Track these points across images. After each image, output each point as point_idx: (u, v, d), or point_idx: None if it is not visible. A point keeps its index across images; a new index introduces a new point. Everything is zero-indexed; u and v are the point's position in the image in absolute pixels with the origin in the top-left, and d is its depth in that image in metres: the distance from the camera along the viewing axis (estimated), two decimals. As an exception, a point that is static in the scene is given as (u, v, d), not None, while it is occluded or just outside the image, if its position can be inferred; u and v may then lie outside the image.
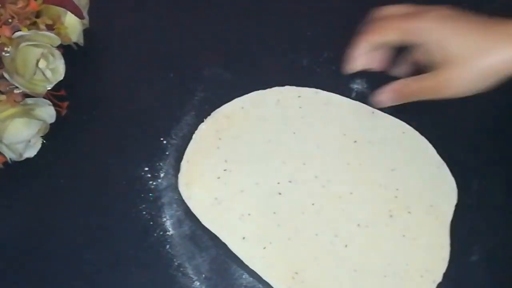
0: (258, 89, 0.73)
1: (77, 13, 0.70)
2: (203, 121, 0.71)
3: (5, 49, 0.63)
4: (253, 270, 0.64)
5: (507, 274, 0.65)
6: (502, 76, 0.58)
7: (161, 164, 0.70)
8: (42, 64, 0.67)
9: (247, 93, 0.73)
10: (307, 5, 0.79)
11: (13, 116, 0.65)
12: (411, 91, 0.63)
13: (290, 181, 0.68)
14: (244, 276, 0.65)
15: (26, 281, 0.65)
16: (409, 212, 0.66)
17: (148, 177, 0.69)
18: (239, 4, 0.79)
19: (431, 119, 0.71)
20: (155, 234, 0.67)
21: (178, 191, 0.68)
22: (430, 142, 0.70)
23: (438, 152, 0.69)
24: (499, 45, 0.58)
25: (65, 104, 0.71)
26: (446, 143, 0.70)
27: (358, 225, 0.65)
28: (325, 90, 0.73)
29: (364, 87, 0.74)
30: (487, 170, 0.69)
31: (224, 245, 0.65)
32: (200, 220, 0.66)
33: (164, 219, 0.67)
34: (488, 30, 0.59)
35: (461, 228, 0.66)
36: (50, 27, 0.67)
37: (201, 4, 0.79)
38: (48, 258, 0.66)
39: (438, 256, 0.64)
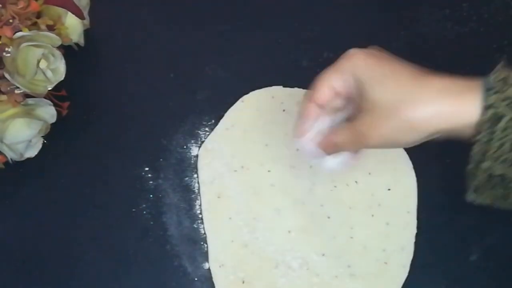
0: (257, 89, 0.73)
1: (78, 13, 0.70)
2: (203, 121, 0.72)
3: (6, 49, 0.63)
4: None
5: (506, 274, 0.65)
6: (434, 132, 0.53)
7: (161, 164, 0.70)
8: (43, 64, 0.67)
9: (247, 92, 0.73)
10: (307, 5, 0.79)
11: (14, 116, 0.65)
12: (339, 140, 0.58)
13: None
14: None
15: (26, 280, 0.66)
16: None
17: (149, 177, 0.69)
18: (239, 5, 0.79)
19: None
20: (155, 234, 0.67)
21: (178, 191, 0.69)
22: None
23: (436, 152, 0.70)
24: (431, 98, 0.53)
25: (66, 104, 0.71)
26: (444, 144, 0.70)
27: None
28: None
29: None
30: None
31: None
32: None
33: (164, 219, 0.68)
34: (420, 80, 0.54)
35: (460, 228, 0.67)
36: (51, 28, 0.67)
37: (201, 5, 0.79)
38: (48, 258, 0.66)
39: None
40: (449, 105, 0.52)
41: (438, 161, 0.70)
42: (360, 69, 0.56)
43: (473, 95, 0.51)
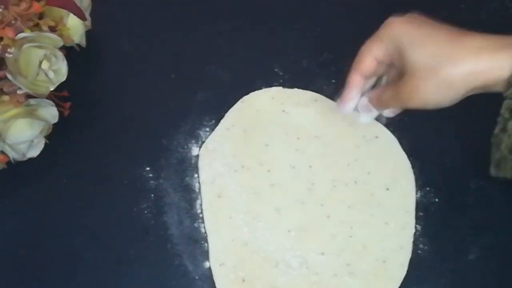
0: (257, 89, 0.74)
1: (79, 14, 0.70)
2: (203, 121, 0.72)
3: (9, 50, 0.64)
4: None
5: (504, 273, 0.65)
6: (470, 89, 0.56)
7: (162, 164, 0.70)
8: (45, 65, 0.67)
9: (247, 93, 0.73)
10: (307, 5, 0.79)
11: (16, 117, 0.66)
12: (385, 99, 0.62)
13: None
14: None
15: (28, 280, 0.66)
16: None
17: (150, 176, 0.70)
18: (240, 5, 0.79)
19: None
20: (156, 233, 0.67)
21: (179, 190, 0.69)
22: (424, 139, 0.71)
23: (435, 151, 0.70)
24: (468, 57, 0.55)
25: (68, 104, 0.71)
26: (443, 144, 0.71)
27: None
28: (324, 90, 0.74)
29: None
30: (484, 170, 0.69)
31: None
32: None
33: (165, 219, 0.68)
34: (457, 41, 0.57)
35: (458, 227, 0.67)
36: (52, 29, 0.67)
37: (202, 6, 0.79)
38: (50, 257, 0.67)
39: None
40: (484, 62, 0.55)
41: (437, 161, 0.70)
42: (399, 35, 0.59)
43: (506, 52, 0.54)
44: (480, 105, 0.64)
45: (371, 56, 0.62)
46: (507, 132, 0.57)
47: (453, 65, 0.56)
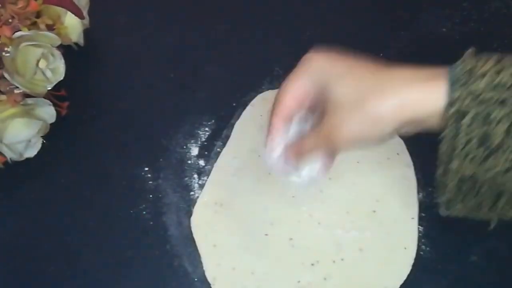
0: (258, 90, 0.74)
1: (77, 13, 0.70)
2: (203, 121, 0.72)
3: (6, 49, 0.64)
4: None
5: (506, 274, 0.65)
6: (399, 123, 0.52)
7: (161, 164, 0.70)
8: (42, 64, 0.67)
9: (247, 93, 0.73)
10: (308, 6, 0.80)
11: (13, 116, 0.66)
12: (307, 147, 0.56)
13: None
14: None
15: (26, 280, 0.66)
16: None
17: (148, 177, 0.70)
18: (240, 6, 0.79)
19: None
20: (155, 234, 0.67)
21: (178, 191, 0.69)
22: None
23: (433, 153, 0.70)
24: (396, 88, 0.51)
25: (65, 104, 0.71)
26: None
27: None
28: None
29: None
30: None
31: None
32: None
33: (164, 219, 0.68)
34: (383, 73, 0.53)
35: (460, 229, 0.66)
36: (50, 27, 0.68)
37: (201, 5, 0.80)
38: (47, 258, 0.66)
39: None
40: (414, 94, 0.51)
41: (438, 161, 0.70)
42: (320, 70, 0.54)
43: (439, 83, 0.50)
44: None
45: (291, 96, 0.56)
46: (449, 174, 0.53)
47: (380, 97, 0.51)
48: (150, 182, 0.69)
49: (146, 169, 0.70)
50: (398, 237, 0.67)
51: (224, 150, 0.72)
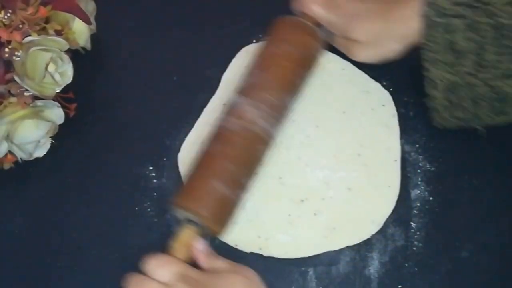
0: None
1: (85, 19, 0.70)
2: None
3: (16, 53, 0.64)
4: (255, 262, 0.65)
5: (497, 270, 0.66)
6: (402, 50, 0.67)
7: (164, 163, 0.71)
8: (51, 67, 0.67)
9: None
10: None
11: (23, 118, 0.66)
12: (336, 44, 0.72)
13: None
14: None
15: (34, 276, 0.67)
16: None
17: (153, 176, 0.70)
18: (241, 9, 0.79)
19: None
20: (159, 231, 0.68)
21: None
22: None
23: (429, 149, 0.71)
24: (394, 32, 0.66)
25: (73, 106, 0.72)
26: (438, 143, 0.71)
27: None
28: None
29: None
30: (478, 169, 0.70)
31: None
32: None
33: (168, 217, 0.68)
34: (390, 15, 0.66)
35: (452, 225, 0.67)
36: (58, 33, 0.68)
37: (203, 10, 0.80)
38: (55, 253, 0.67)
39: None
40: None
41: (430, 158, 0.71)
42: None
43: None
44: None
45: None
46: (432, 83, 0.64)
47: (386, 42, 0.67)
48: (154, 181, 0.70)
49: (151, 168, 0.71)
50: (383, 177, 0.69)
51: (213, 98, 0.74)
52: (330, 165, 0.70)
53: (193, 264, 0.62)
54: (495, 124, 0.66)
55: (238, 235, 0.67)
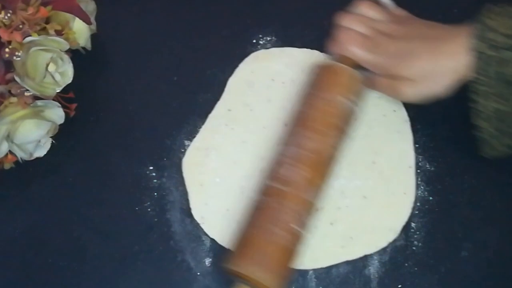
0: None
1: (85, 19, 0.70)
2: (204, 122, 0.73)
3: (16, 53, 0.64)
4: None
5: (495, 269, 0.66)
6: (452, 85, 0.64)
7: (165, 163, 0.71)
8: (51, 67, 0.67)
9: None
10: (309, 12, 0.79)
11: (23, 118, 0.66)
12: (378, 85, 0.69)
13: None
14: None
15: (35, 274, 0.67)
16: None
17: (153, 175, 0.70)
18: (241, 10, 0.79)
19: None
20: (159, 230, 0.68)
21: (181, 189, 0.69)
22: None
23: (429, 149, 0.71)
24: (444, 68, 0.64)
25: (74, 105, 0.72)
26: (436, 143, 0.72)
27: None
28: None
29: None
30: (478, 169, 0.70)
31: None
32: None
33: (168, 216, 0.69)
34: (438, 51, 0.65)
35: (451, 225, 0.68)
36: (59, 33, 0.68)
37: (204, 11, 0.80)
38: (56, 253, 0.68)
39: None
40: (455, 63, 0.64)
41: (430, 158, 0.71)
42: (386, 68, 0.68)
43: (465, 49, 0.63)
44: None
45: None
46: (480, 114, 0.63)
47: (433, 79, 0.65)
48: (155, 181, 0.70)
49: (151, 168, 0.71)
50: (398, 184, 0.69)
51: (219, 103, 0.73)
52: (345, 173, 0.69)
53: None
54: None
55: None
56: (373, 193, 0.69)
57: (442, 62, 0.64)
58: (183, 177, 0.70)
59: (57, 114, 0.70)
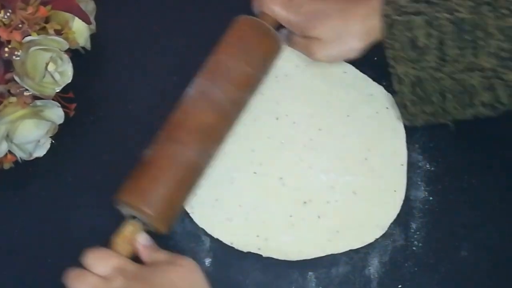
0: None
1: (84, 18, 0.70)
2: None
3: (16, 53, 0.64)
4: (253, 263, 0.66)
5: (495, 269, 0.66)
6: (363, 48, 0.68)
7: None
8: (51, 67, 0.67)
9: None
10: None
11: (23, 117, 0.66)
12: (294, 44, 0.72)
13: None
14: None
15: (33, 275, 0.67)
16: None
17: None
18: (241, 12, 0.77)
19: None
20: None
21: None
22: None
23: (429, 149, 0.72)
24: (354, 30, 0.67)
25: (73, 105, 0.72)
26: (437, 142, 0.72)
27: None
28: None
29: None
30: (478, 169, 0.70)
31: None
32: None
33: None
34: (350, 13, 0.67)
35: (451, 225, 0.68)
36: (58, 32, 0.68)
37: (205, 11, 0.80)
38: (55, 253, 0.68)
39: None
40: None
41: (430, 158, 0.71)
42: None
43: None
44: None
45: None
46: (399, 79, 0.65)
47: (345, 40, 0.68)
48: (155, 181, 0.70)
49: (151, 168, 0.71)
50: (389, 182, 0.69)
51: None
52: (335, 168, 0.70)
53: (135, 258, 0.63)
54: (464, 118, 0.66)
55: (235, 233, 0.67)
56: (363, 189, 0.69)
57: (353, 24, 0.67)
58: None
59: (56, 114, 0.70)
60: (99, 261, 0.61)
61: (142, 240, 0.64)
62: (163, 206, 0.63)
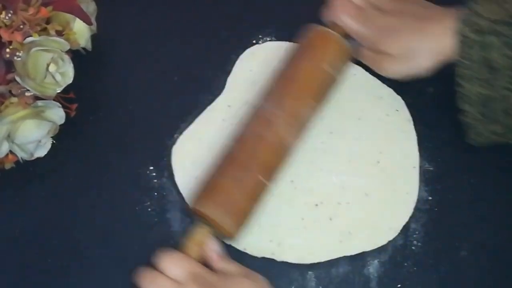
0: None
1: (85, 19, 0.71)
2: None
3: (17, 53, 0.64)
4: (252, 262, 0.66)
5: (495, 268, 0.66)
6: (434, 66, 0.66)
7: (165, 163, 0.71)
8: (52, 68, 0.68)
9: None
10: (309, 14, 0.77)
11: (24, 118, 0.67)
12: (363, 57, 0.71)
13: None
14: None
15: (34, 275, 0.67)
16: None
17: (153, 175, 0.71)
18: (241, 12, 0.79)
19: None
20: (160, 230, 0.68)
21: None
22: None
23: (429, 149, 0.72)
24: (427, 48, 0.65)
25: (74, 106, 0.72)
26: (437, 142, 0.72)
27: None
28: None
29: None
30: (477, 169, 0.70)
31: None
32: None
33: (168, 216, 0.69)
34: (424, 31, 0.66)
35: (451, 225, 0.68)
36: (59, 33, 0.68)
37: (204, 10, 0.80)
38: (56, 254, 0.68)
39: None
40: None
41: (430, 158, 0.71)
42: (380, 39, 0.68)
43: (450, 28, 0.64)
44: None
45: None
46: (465, 98, 0.64)
47: (418, 56, 0.66)
48: (155, 181, 0.70)
49: (151, 168, 0.71)
50: (401, 184, 0.69)
51: (219, 99, 0.73)
52: (347, 170, 0.69)
53: (203, 264, 0.63)
54: None
55: (248, 239, 0.66)
56: (375, 191, 0.69)
57: (426, 42, 0.66)
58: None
59: (57, 114, 0.70)
60: (174, 265, 0.60)
61: (213, 246, 0.63)
62: (240, 223, 0.63)
